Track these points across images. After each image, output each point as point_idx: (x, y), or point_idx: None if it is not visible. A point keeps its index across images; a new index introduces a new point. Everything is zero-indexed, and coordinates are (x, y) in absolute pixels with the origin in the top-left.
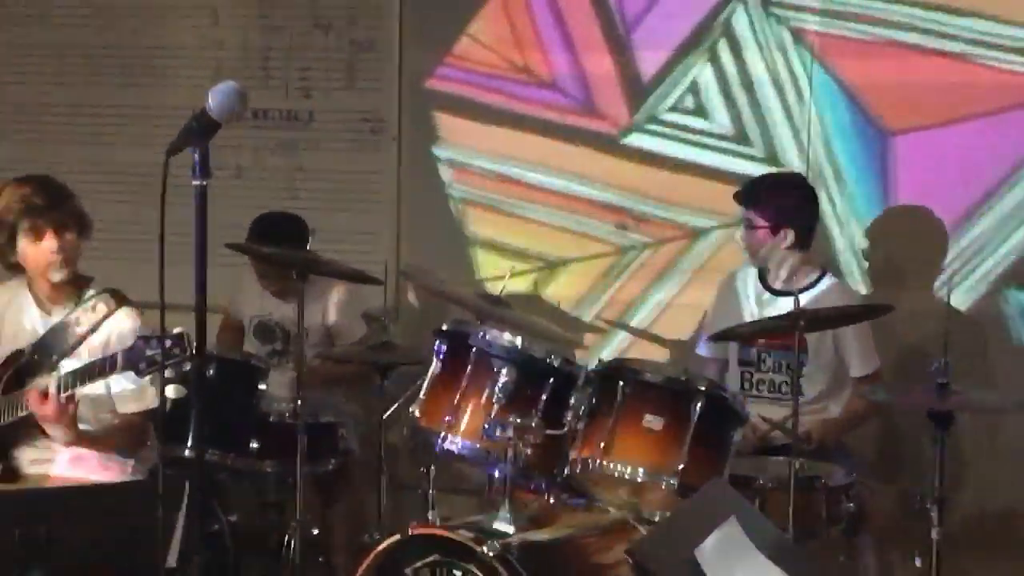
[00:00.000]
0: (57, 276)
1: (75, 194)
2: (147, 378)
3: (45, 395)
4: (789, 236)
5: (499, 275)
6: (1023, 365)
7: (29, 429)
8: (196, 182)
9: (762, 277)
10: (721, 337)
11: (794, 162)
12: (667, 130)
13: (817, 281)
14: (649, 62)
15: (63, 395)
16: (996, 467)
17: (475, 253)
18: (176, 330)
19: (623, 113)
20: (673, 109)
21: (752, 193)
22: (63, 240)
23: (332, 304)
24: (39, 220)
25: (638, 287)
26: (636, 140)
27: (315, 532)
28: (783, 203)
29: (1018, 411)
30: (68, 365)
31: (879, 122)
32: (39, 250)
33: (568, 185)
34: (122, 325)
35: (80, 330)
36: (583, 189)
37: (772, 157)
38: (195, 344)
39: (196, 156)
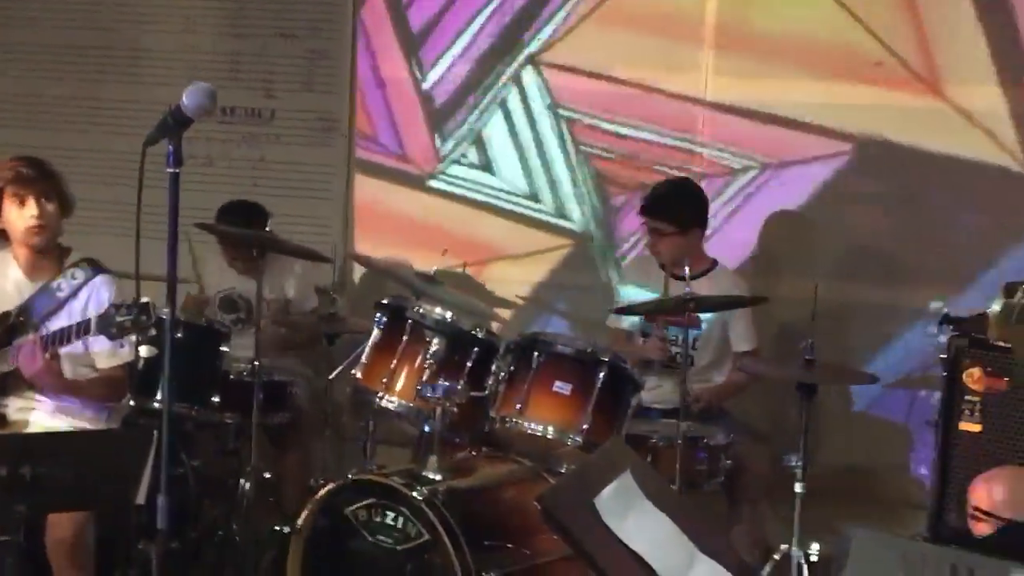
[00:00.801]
0: (34, 240)
1: (62, 175)
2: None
3: (33, 356)
4: (697, 234)
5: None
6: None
7: (15, 381)
8: (170, 169)
9: (662, 265)
10: (623, 312)
11: (575, 212)
12: (460, 177)
13: (710, 269)
14: (451, 123)
15: (48, 353)
16: (850, 431)
17: None
18: (143, 300)
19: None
20: (465, 159)
21: (658, 205)
22: (43, 208)
23: (292, 279)
24: (24, 189)
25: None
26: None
27: (267, 476)
28: (689, 208)
29: (868, 384)
30: (50, 326)
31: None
32: (21, 215)
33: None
34: (100, 291)
35: (61, 295)
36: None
37: (560, 211)
38: (162, 310)
39: (170, 147)
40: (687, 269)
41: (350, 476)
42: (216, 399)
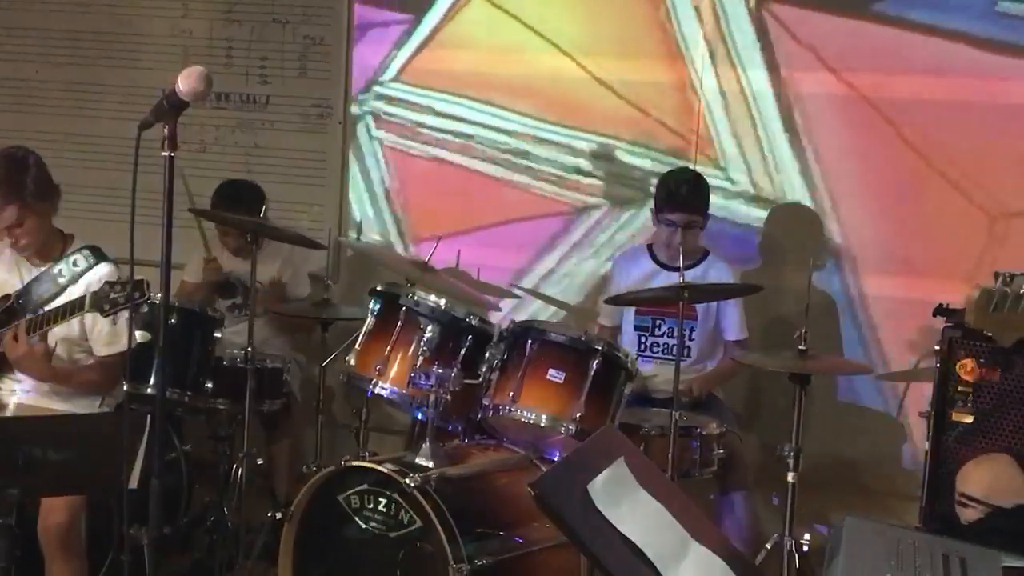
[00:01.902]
0: (23, 251)
1: (27, 173)
2: (121, 323)
3: (17, 339)
4: (706, 224)
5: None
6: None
7: (10, 364)
8: (165, 154)
9: (652, 255)
10: (617, 301)
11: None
12: None
13: (702, 259)
14: None
15: (34, 336)
16: (843, 422)
17: None
18: (137, 277)
19: None
20: None
21: (699, 198)
22: (12, 238)
23: (287, 266)
24: None
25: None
26: None
27: (260, 463)
28: (707, 198)
29: (861, 374)
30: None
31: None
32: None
33: None
34: (99, 281)
35: (62, 280)
36: None
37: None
38: (157, 293)
39: (165, 131)
40: (681, 259)
41: (343, 462)
42: (209, 385)
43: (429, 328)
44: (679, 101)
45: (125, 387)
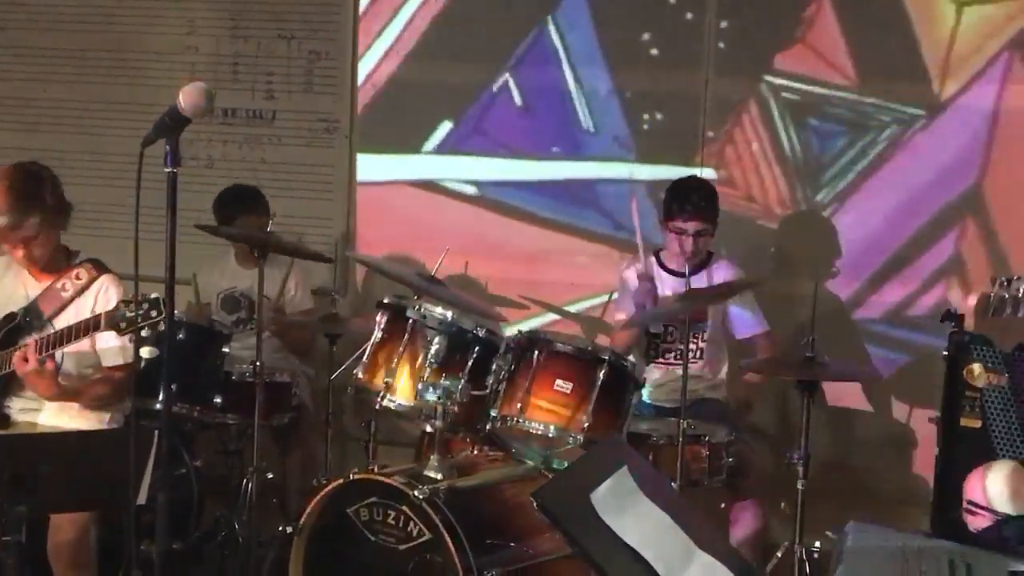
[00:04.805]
0: (29, 266)
1: (46, 187)
2: (128, 336)
3: (26, 356)
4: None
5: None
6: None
7: (19, 382)
8: (167, 169)
9: (659, 261)
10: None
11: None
12: None
13: (707, 261)
14: None
15: (44, 355)
16: (852, 429)
17: None
18: (152, 295)
19: None
20: None
21: (708, 206)
22: (25, 251)
23: (291, 278)
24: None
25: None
26: None
27: (270, 477)
28: (717, 206)
29: (870, 380)
30: (56, 325)
31: None
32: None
33: None
34: (107, 291)
35: (66, 295)
36: None
37: None
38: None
39: (168, 147)
40: (687, 267)
41: (352, 475)
42: (218, 400)
43: (436, 340)
44: None
45: (132, 402)
